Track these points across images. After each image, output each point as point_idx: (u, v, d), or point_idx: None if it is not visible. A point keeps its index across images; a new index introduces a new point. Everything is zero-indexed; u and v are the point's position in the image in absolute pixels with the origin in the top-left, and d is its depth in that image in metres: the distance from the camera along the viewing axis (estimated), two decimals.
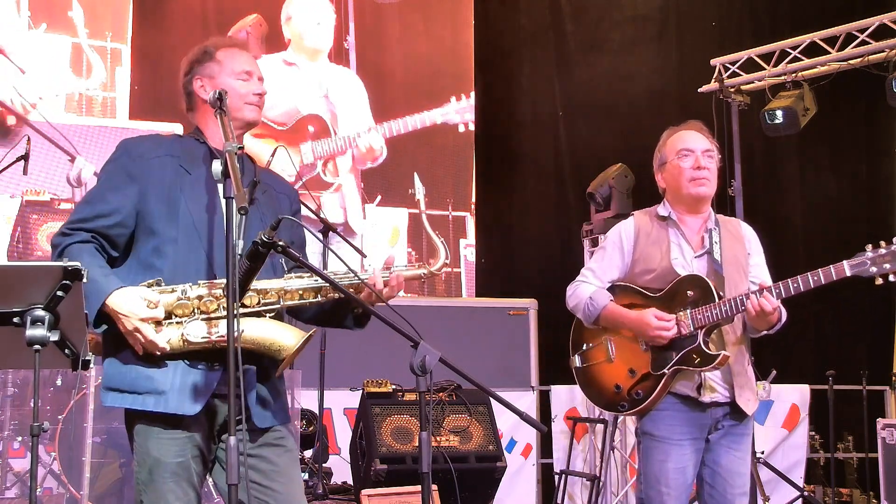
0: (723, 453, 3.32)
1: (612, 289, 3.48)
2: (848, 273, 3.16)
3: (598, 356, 3.51)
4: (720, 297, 3.25)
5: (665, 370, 3.28)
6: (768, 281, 3.37)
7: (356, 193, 7.87)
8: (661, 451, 3.30)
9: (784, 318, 3.36)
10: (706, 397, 3.29)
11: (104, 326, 2.52)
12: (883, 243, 3.15)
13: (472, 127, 8.23)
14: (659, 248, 3.40)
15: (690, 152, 3.40)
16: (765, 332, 3.42)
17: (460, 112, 8.16)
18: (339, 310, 2.76)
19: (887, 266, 3.13)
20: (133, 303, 2.47)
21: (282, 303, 2.61)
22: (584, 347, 3.56)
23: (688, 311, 3.28)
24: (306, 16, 7.89)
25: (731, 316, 3.25)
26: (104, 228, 2.61)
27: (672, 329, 3.27)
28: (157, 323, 2.51)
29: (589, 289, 3.48)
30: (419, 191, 2.96)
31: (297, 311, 2.78)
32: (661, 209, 3.47)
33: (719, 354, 3.24)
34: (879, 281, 3.15)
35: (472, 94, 8.22)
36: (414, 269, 2.80)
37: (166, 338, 2.50)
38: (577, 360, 3.59)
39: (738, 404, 3.29)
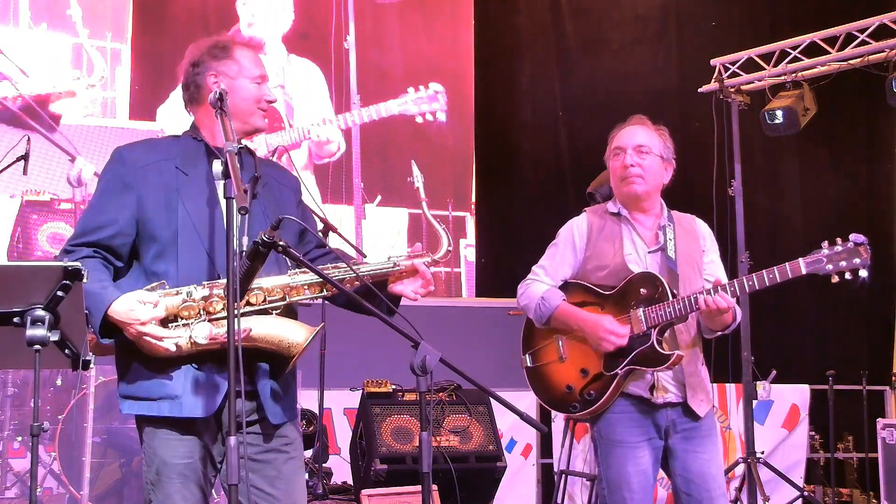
0: (691, 459, 3.25)
1: (565, 286, 3.41)
2: (804, 271, 3.09)
3: (550, 356, 3.44)
4: (674, 296, 3.19)
5: (617, 370, 3.23)
6: (724, 279, 3.31)
7: (315, 189, 7.79)
8: (620, 455, 3.25)
9: (738, 319, 3.31)
10: (659, 398, 3.24)
11: (113, 338, 2.51)
12: (839, 240, 3.09)
13: (430, 118, 8.12)
14: (612, 243, 3.35)
15: (621, 151, 3.37)
16: (719, 334, 3.36)
17: (417, 103, 8.11)
18: (370, 296, 2.70)
19: (843, 264, 3.07)
20: (132, 308, 2.47)
21: (287, 299, 2.61)
22: (536, 347, 3.49)
23: (640, 309, 3.22)
24: (261, 5, 7.83)
25: (685, 315, 3.19)
26: (105, 240, 2.60)
27: (622, 340, 3.21)
28: (162, 323, 2.50)
29: (541, 287, 3.41)
30: (417, 178, 2.95)
31: (330, 297, 2.76)
32: (611, 206, 3.43)
33: (672, 354, 3.18)
34: (835, 279, 3.07)
35: (431, 84, 8.13)
36: (417, 258, 2.80)
37: (175, 338, 2.50)
38: (527, 360, 3.51)
39: (691, 406, 3.25)
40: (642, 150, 3.35)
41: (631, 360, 3.22)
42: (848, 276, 3.08)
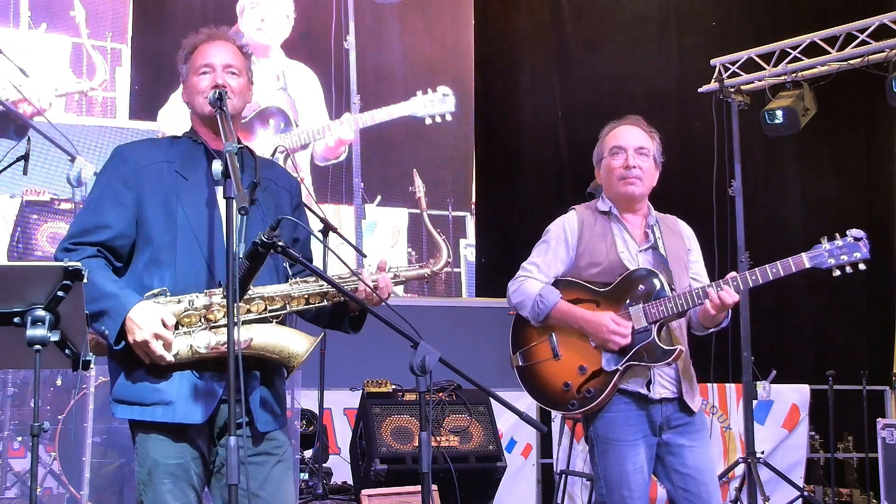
0: (686, 454, 3.26)
1: (557, 283, 3.39)
2: (807, 265, 3.15)
3: (543, 354, 3.40)
4: (673, 291, 3.21)
5: (618, 366, 3.23)
6: (706, 278, 3.37)
7: (314, 191, 7.79)
8: (619, 453, 3.25)
9: (729, 317, 3.34)
10: (656, 394, 3.25)
11: (123, 344, 2.51)
12: (838, 235, 3.16)
13: (438, 120, 8.15)
14: (604, 241, 3.35)
15: (621, 150, 3.36)
16: (712, 330, 3.39)
17: (426, 106, 8.11)
18: (339, 312, 2.76)
19: (844, 258, 3.13)
20: (149, 317, 2.47)
21: (288, 308, 2.61)
22: (527, 345, 3.44)
23: (640, 305, 3.23)
24: (256, 11, 7.84)
25: (685, 310, 3.21)
26: (108, 240, 2.60)
27: (626, 340, 3.21)
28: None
29: (535, 285, 3.37)
30: (419, 188, 2.96)
31: (300, 311, 2.77)
32: (601, 204, 3.43)
33: (675, 349, 3.20)
34: (837, 273, 3.14)
35: (440, 87, 8.18)
36: (416, 270, 2.79)
37: (175, 350, 2.50)
38: (518, 359, 3.46)
39: (686, 401, 3.26)
40: (642, 151, 3.36)
41: (632, 357, 3.22)
42: (849, 269, 3.15)
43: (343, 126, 7.86)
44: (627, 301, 3.25)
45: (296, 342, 2.56)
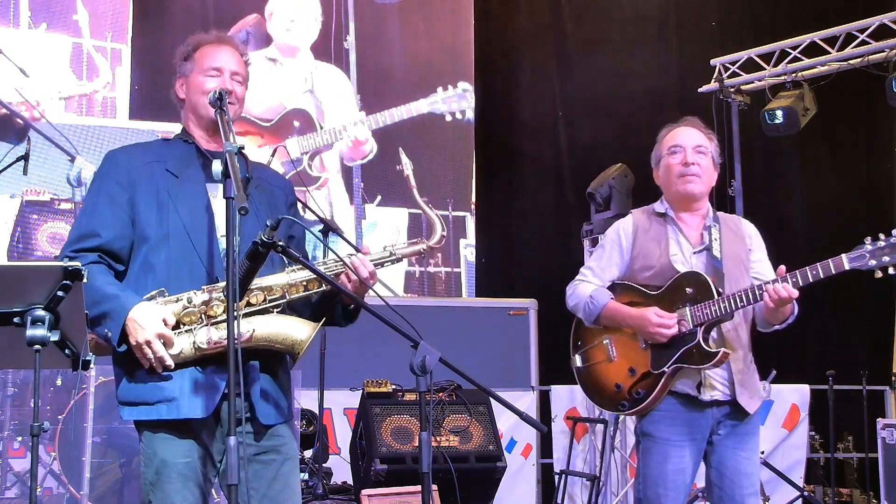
0: (728, 455, 3.29)
1: (612, 287, 3.45)
2: (847, 267, 3.11)
3: (599, 356, 3.48)
4: (719, 294, 3.22)
5: (665, 368, 3.26)
6: (770, 276, 3.35)
7: (343, 191, 7.84)
8: (661, 452, 3.27)
9: (796, 313, 3.33)
10: (706, 396, 3.26)
11: (125, 346, 2.52)
12: (882, 235, 3.11)
13: (459, 117, 8.19)
14: (658, 244, 3.38)
15: (680, 149, 3.38)
16: (776, 328, 3.39)
17: (447, 102, 8.14)
18: (326, 303, 2.76)
19: (886, 259, 3.08)
20: (151, 317, 2.48)
21: (287, 297, 2.62)
22: (585, 347, 3.53)
23: (687, 308, 3.26)
24: (286, 12, 7.88)
25: (731, 312, 3.22)
26: (105, 244, 2.61)
27: (673, 328, 3.24)
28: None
29: (589, 287, 3.45)
30: (407, 166, 2.97)
31: (300, 299, 2.77)
32: (659, 206, 3.46)
33: (718, 351, 3.22)
34: (879, 274, 3.09)
35: (460, 84, 8.20)
36: (411, 247, 2.80)
37: (178, 349, 2.51)
38: (577, 360, 3.56)
39: (739, 402, 3.26)
40: (700, 150, 3.38)
41: (678, 359, 3.25)
42: (892, 270, 3.10)
43: (357, 127, 7.88)
44: (677, 303, 3.28)
45: (297, 329, 2.57)
